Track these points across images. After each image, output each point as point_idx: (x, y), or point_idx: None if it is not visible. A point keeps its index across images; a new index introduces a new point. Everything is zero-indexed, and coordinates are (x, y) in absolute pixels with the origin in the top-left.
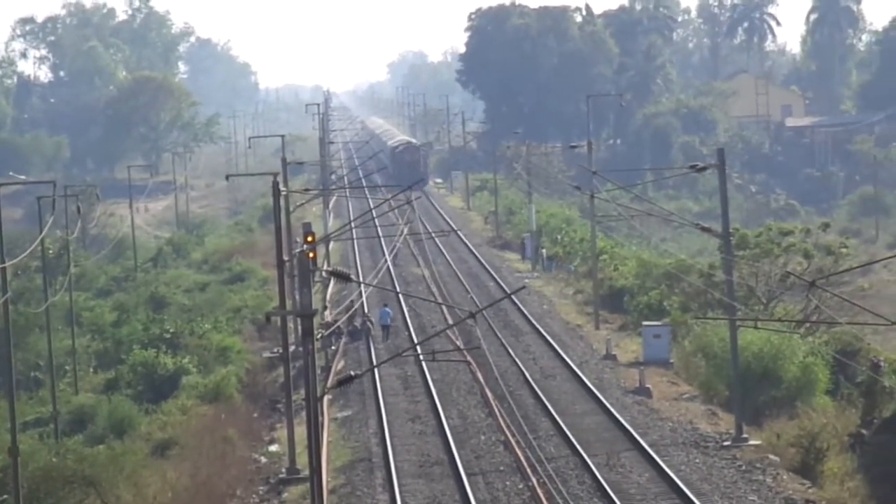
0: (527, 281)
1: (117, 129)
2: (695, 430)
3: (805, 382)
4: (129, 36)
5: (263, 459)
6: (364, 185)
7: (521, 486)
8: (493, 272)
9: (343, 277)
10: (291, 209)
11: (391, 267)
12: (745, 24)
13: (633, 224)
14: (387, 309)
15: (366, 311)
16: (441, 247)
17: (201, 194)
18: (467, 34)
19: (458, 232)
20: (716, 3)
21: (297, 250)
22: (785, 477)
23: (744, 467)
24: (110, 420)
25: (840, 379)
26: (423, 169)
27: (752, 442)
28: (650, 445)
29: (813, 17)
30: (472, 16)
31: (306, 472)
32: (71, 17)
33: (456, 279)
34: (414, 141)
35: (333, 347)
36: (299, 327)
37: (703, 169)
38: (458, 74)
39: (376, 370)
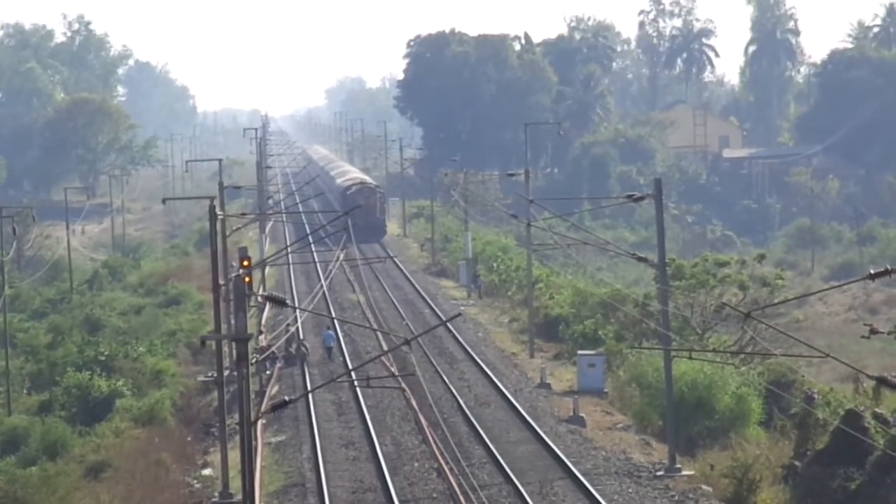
0: (462, 308)
1: (55, 150)
2: (628, 460)
3: (738, 413)
4: (68, 57)
5: (197, 483)
6: (301, 210)
7: None
8: (428, 299)
9: (278, 302)
10: (228, 233)
11: (326, 292)
12: (684, 55)
13: (570, 253)
14: (330, 332)
15: (300, 336)
16: (377, 273)
17: (138, 217)
18: (406, 61)
19: (395, 258)
20: (655, 34)
21: (233, 274)
22: None
23: (676, 497)
24: (43, 442)
25: (774, 410)
26: (381, 216)
27: (685, 472)
28: (583, 474)
29: (751, 48)
30: (411, 42)
31: (239, 497)
32: (9, 38)
33: (392, 306)
34: (369, 180)
35: (268, 372)
36: (234, 351)
37: (640, 199)
38: (396, 101)
39: (310, 396)
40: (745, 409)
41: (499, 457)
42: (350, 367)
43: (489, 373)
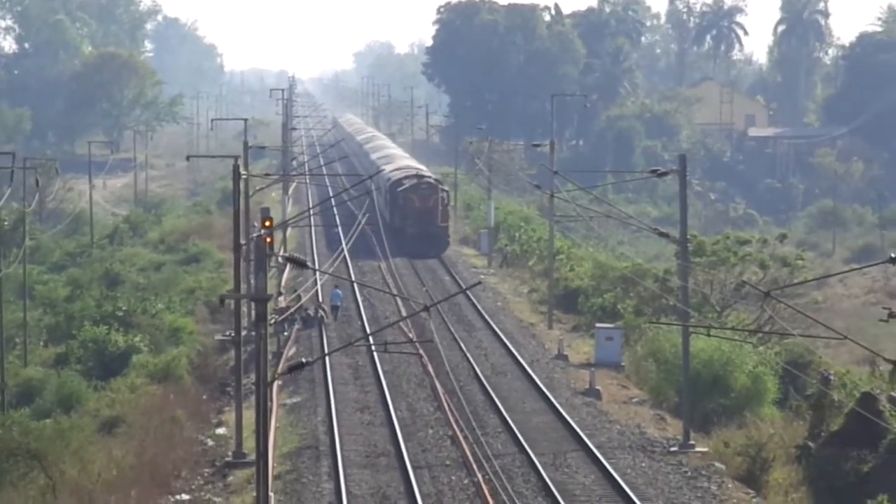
0: (482, 277)
1: (80, 104)
2: (642, 434)
3: (754, 392)
4: (97, 11)
5: (210, 442)
6: (325, 173)
7: (466, 482)
8: (448, 267)
9: (299, 264)
10: (251, 193)
11: (347, 256)
12: (713, 32)
13: (592, 225)
14: (338, 291)
15: (320, 298)
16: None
17: (161, 174)
18: (435, 27)
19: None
20: (685, 10)
21: (255, 234)
22: (730, 485)
23: (689, 473)
24: (58, 395)
25: (790, 390)
26: (444, 223)
27: (698, 448)
28: (597, 447)
29: (780, 28)
30: (441, 9)
31: (252, 457)
32: None
33: (412, 272)
34: (427, 172)
35: (286, 333)
36: (253, 311)
37: (664, 174)
38: (423, 67)
39: (327, 358)
40: (761, 388)
41: (513, 426)
42: (368, 331)
43: (507, 342)
